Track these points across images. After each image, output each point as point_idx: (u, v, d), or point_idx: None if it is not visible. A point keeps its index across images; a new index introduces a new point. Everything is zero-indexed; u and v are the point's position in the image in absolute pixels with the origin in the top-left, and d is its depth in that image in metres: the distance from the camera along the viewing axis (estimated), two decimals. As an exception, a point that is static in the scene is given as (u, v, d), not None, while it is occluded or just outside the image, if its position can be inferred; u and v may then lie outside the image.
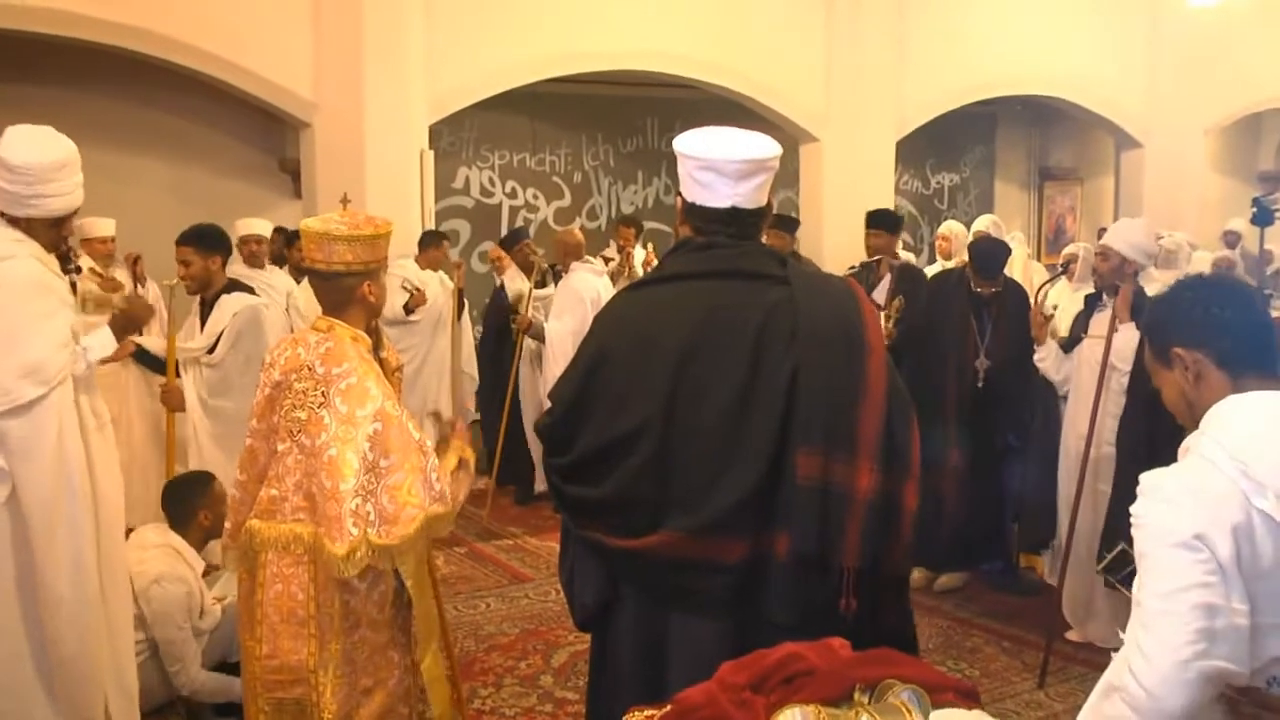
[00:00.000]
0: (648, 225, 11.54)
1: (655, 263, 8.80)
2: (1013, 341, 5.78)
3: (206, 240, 5.31)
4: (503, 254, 8.77)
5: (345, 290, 3.12)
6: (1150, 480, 1.95)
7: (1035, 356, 5.55)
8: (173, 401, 5.16)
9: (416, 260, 7.93)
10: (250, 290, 5.51)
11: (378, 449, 2.94)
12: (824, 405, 2.44)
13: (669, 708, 2.09)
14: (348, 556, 2.89)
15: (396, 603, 3.16)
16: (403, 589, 3.11)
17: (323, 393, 2.99)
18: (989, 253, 6.01)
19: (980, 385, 5.83)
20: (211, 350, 5.26)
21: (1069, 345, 5.47)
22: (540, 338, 7.44)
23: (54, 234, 3.73)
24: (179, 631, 4.30)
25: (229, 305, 5.28)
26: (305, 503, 3.03)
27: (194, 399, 5.25)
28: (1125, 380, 4.89)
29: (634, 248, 9.54)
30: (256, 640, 3.10)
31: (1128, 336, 4.79)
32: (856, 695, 1.96)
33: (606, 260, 9.24)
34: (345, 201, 3.27)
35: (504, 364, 7.90)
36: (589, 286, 7.42)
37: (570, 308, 7.31)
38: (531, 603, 5.87)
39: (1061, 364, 5.48)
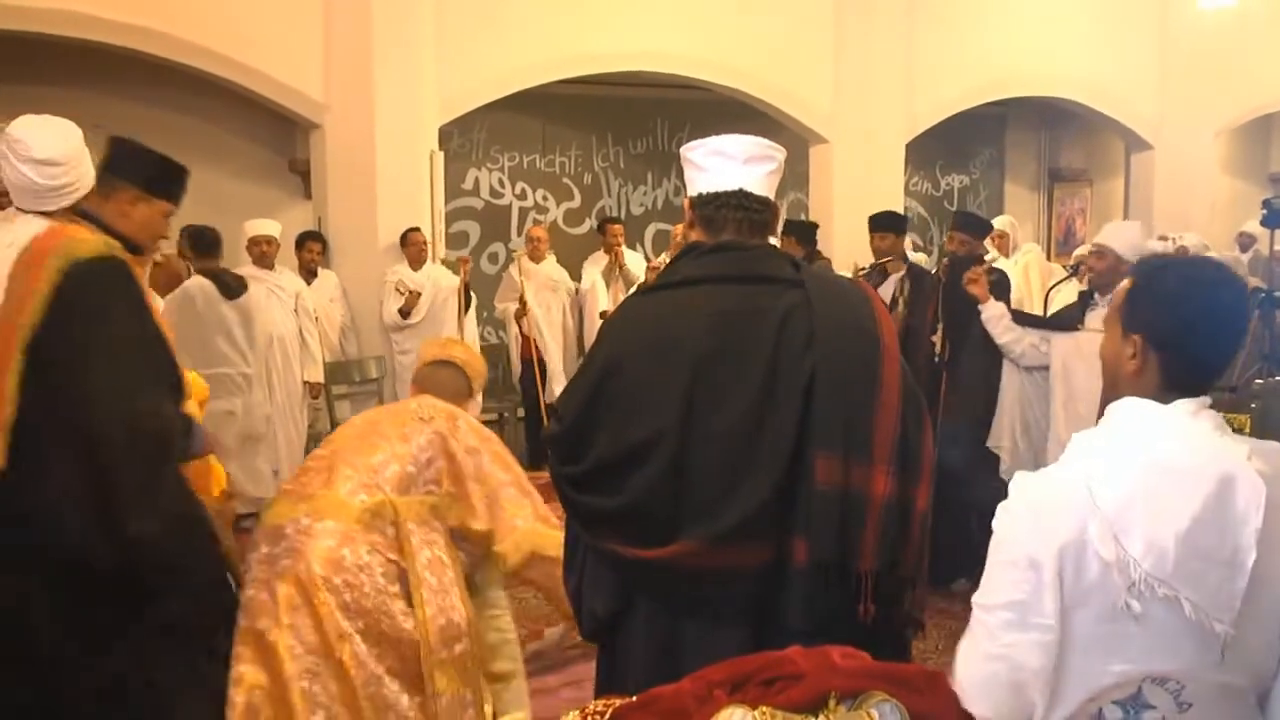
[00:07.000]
0: (657, 227, 11.53)
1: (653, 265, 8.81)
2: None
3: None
4: (544, 237, 9.12)
5: None
6: (1015, 485, 1.93)
7: (983, 315, 5.56)
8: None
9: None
10: None
11: None
12: (843, 409, 2.39)
13: (634, 699, 2.05)
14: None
15: None
16: None
17: None
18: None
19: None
20: None
21: (1035, 323, 5.51)
22: None
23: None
24: None
25: None
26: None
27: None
28: None
29: (623, 246, 9.30)
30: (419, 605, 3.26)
31: None
32: (831, 703, 1.89)
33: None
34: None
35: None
36: None
37: None
38: (540, 604, 5.85)
39: (1016, 332, 5.48)
